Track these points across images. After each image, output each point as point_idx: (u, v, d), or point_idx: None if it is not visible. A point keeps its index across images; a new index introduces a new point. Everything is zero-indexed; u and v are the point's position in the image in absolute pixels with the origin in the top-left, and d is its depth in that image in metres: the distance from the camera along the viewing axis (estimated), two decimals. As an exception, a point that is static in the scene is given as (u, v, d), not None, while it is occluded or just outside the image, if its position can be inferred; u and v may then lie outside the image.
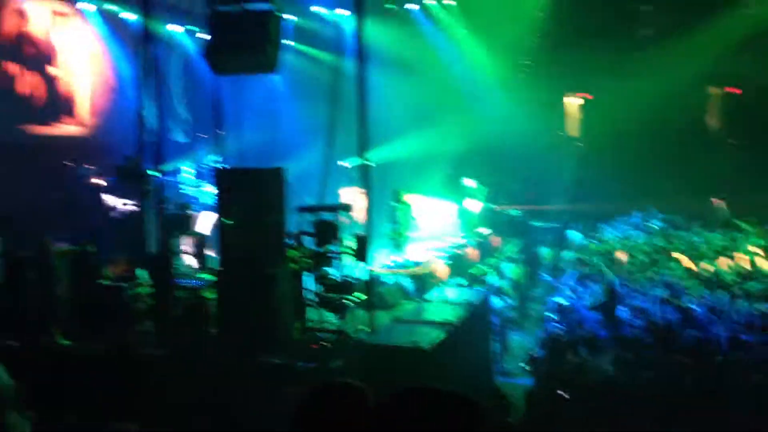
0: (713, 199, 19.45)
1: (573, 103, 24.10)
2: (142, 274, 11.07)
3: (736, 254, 14.23)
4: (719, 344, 9.04)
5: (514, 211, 21.15)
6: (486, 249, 17.75)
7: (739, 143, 22.06)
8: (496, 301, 13.26)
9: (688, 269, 13.51)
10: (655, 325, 9.70)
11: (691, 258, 14.26)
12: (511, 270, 15.86)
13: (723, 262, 13.84)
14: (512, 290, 13.94)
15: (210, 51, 11.05)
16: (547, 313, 12.22)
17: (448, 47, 21.38)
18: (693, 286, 12.12)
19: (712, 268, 13.45)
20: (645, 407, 7.59)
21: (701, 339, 9.03)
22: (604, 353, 8.90)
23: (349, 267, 11.07)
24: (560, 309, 11.58)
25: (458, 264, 16.00)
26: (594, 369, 8.54)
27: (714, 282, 12.39)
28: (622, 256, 14.29)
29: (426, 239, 18.79)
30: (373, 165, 11.01)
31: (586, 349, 9.12)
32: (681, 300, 10.92)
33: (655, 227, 18.45)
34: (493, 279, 14.91)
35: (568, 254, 17.37)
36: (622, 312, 10.71)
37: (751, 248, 14.54)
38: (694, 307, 10.43)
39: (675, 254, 14.61)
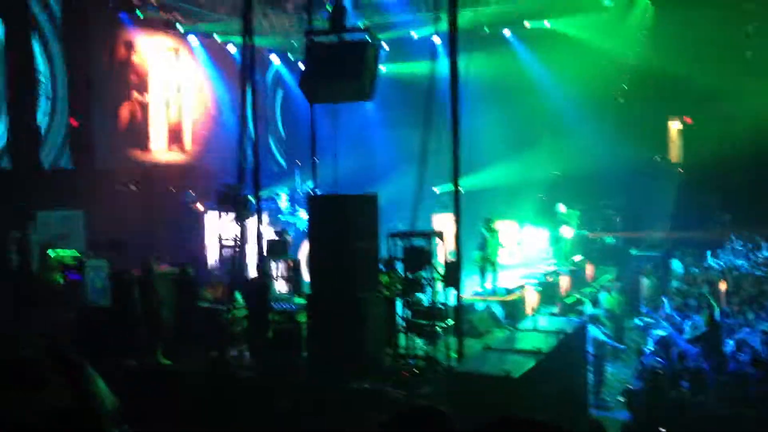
0: None
1: (673, 127, 23.30)
2: (239, 297, 11.43)
3: None
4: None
5: (609, 239, 20.57)
6: (580, 277, 17.33)
7: None
8: (592, 331, 12.90)
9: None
10: (761, 360, 9.18)
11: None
12: (607, 299, 15.38)
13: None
14: (608, 320, 13.51)
15: (306, 81, 11.42)
16: (645, 345, 11.78)
17: (543, 72, 21.14)
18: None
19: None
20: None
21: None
22: (707, 388, 8.49)
23: (439, 293, 11.05)
24: (659, 341, 11.14)
25: (551, 292, 15.69)
26: (696, 405, 8.16)
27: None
28: (725, 286, 13.63)
29: (518, 266, 18.53)
30: (464, 191, 10.99)
31: (688, 384, 8.73)
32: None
33: (762, 257, 17.51)
34: (587, 308, 14.51)
35: (668, 284, 16.73)
36: (726, 345, 10.21)
37: None
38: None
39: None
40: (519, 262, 19.09)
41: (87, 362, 2.64)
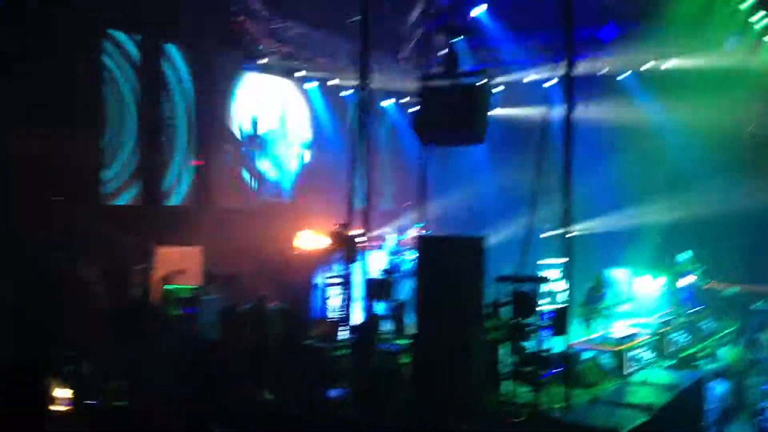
0: None
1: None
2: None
3: None
4: None
5: (731, 290, 19.45)
6: (698, 329, 16.45)
7: None
8: (711, 388, 12.20)
9: None
10: None
11: None
12: (727, 354, 14.53)
13: None
14: (728, 376, 12.74)
15: (419, 123, 11.64)
16: (764, 404, 11.04)
17: (662, 116, 20.52)
18: None
19: None
20: None
21: None
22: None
23: (546, 340, 10.82)
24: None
25: (665, 344, 14.96)
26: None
27: None
28: None
29: (630, 315, 17.84)
30: (577, 237, 10.79)
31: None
32: None
33: None
34: (706, 363, 13.75)
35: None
36: None
37: None
38: None
39: None
40: (632, 311, 18.39)
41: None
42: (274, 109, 19.26)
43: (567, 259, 10.67)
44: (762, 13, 17.39)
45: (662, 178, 20.59)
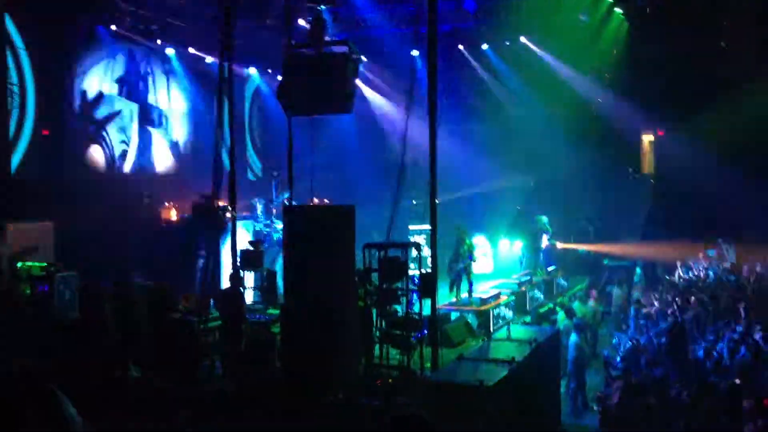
0: None
1: (646, 140, 23.68)
2: (212, 308, 11.43)
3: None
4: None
5: (582, 249, 20.83)
6: (553, 287, 17.52)
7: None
8: (565, 340, 13.05)
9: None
10: (725, 368, 9.37)
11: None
12: (580, 308, 15.58)
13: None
14: (581, 329, 13.65)
15: (284, 92, 11.49)
16: (614, 354, 11.96)
17: (520, 86, 21.39)
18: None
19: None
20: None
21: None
22: (674, 395, 8.63)
23: (415, 304, 11.13)
24: (628, 349, 11.32)
25: (524, 302, 15.83)
26: (663, 412, 8.30)
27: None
28: (693, 296, 13.88)
29: (492, 276, 18.69)
30: (441, 203, 11.09)
31: (655, 391, 8.87)
32: (757, 343, 10.52)
33: (730, 265, 17.82)
34: (561, 317, 14.69)
35: (636, 293, 17.00)
36: (693, 353, 10.41)
37: None
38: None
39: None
40: (494, 272, 19.28)
41: (56, 388, 2.68)
42: (131, 78, 18.30)
43: (433, 224, 10.96)
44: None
45: (521, 148, 21.51)
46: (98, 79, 17.16)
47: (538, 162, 21.55)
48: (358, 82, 19.67)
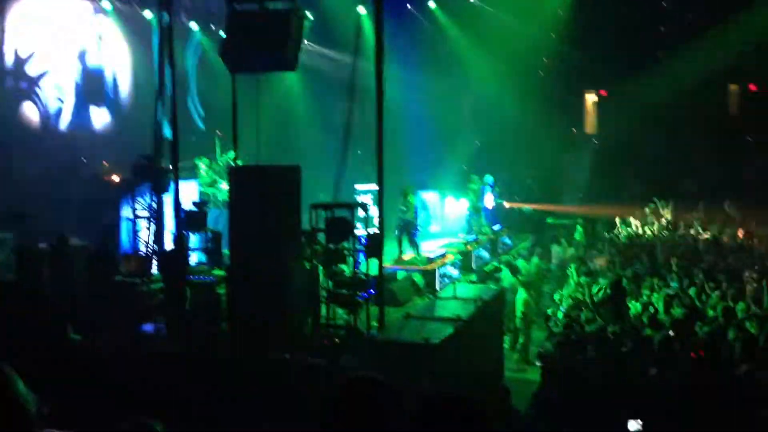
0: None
1: (590, 100, 24.02)
2: (155, 270, 11.25)
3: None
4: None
5: (527, 208, 21.16)
6: (498, 245, 17.78)
7: (756, 140, 21.92)
8: (511, 297, 13.29)
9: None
10: (659, 323, 9.68)
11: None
12: (525, 266, 15.86)
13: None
14: (526, 286, 13.93)
15: (227, 49, 11.20)
16: (556, 310, 12.25)
17: (467, 45, 21.36)
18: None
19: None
20: (654, 405, 7.57)
21: (711, 335, 8.99)
22: (612, 349, 8.89)
23: (361, 263, 11.16)
24: (569, 305, 11.60)
25: (470, 260, 16.04)
26: (601, 366, 8.54)
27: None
28: (632, 251, 14.28)
29: (439, 235, 18.85)
30: (388, 162, 11.07)
31: (594, 346, 9.12)
32: (691, 297, 10.92)
33: (666, 223, 18.37)
34: (505, 275, 14.92)
35: (571, 250, 17.41)
36: (630, 307, 10.75)
37: None
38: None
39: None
40: (440, 231, 19.43)
41: (6, 366, 2.59)
42: (65, 34, 17.54)
43: (379, 184, 10.95)
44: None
45: (468, 106, 21.59)
46: (31, 35, 16.43)
47: (485, 121, 21.69)
48: (305, 39, 19.45)
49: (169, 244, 11.64)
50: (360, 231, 11.82)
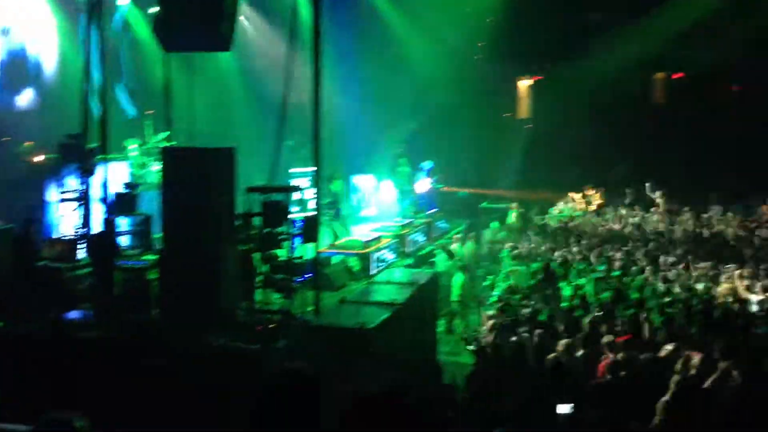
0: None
1: (523, 85, 24.34)
2: (82, 254, 10.89)
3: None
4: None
5: (462, 192, 21.38)
6: (434, 229, 17.90)
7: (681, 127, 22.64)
8: (446, 281, 13.41)
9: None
10: (590, 304, 9.96)
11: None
12: (459, 250, 16.03)
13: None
14: (461, 270, 14.08)
15: (160, 26, 10.84)
16: (489, 293, 12.44)
17: (403, 28, 21.32)
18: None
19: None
20: (586, 386, 7.76)
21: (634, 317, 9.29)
22: (544, 332, 9.08)
23: (298, 247, 11.06)
24: (502, 288, 11.80)
25: (406, 244, 16.10)
26: (535, 348, 8.71)
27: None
28: (562, 237, 14.60)
29: (374, 219, 18.87)
30: (325, 145, 11.00)
31: (527, 328, 9.30)
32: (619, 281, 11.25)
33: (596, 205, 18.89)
34: (440, 259, 15.05)
35: (502, 233, 17.72)
36: (559, 290, 11.02)
37: None
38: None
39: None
40: (375, 215, 19.45)
41: None
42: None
43: (315, 168, 10.86)
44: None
45: (405, 90, 21.58)
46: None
47: (422, 105, 21.72)
48: (241, 18, 19.04)
49: (97, 228, 11.26)
50: (296, 215, 11.71)
